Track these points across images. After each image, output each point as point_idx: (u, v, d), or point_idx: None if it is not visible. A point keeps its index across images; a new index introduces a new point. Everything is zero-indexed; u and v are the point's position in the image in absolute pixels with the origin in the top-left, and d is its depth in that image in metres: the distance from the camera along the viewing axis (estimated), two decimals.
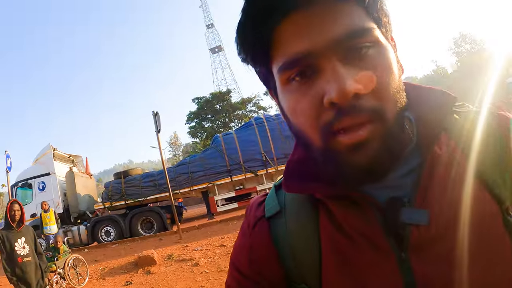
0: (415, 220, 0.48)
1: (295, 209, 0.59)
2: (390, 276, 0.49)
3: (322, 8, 0.43)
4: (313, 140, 0.48)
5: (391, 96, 0.46)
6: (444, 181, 0.50)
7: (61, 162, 13.97)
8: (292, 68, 0.46)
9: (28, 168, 13.88)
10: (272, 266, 0.60)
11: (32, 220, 12.65)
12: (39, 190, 13.01)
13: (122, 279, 7.14)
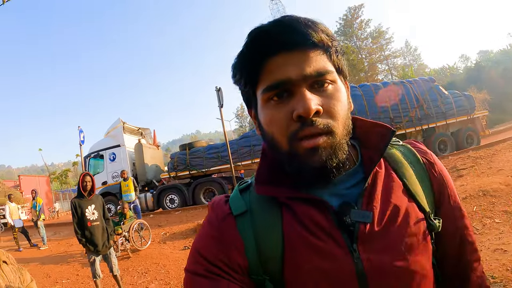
0: (362, 219, 0.64)
1: (261, 208, 0.69)
2: (344, 262, 0.62)
3: (300, 53, 0.61)
4: (282, 144, 0.63)
5: (340, 119, 0.63)
6: (383, 191, 0.68)
7: (130, 134, 14.82)
8: (273, 90, 0.62)
9: (100, 140, 14.96)
10: (238, 257, 0.66)
11: (103, 188, 13.88)
12: (110, 160, 14.05)
13: (181, 244, 7.53)
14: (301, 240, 0.64)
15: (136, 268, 6.47)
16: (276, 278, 0.65)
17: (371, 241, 0.63)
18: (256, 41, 0.63)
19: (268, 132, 0.65)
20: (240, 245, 0.66)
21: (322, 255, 0.62)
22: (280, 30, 0.60)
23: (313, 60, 0.61)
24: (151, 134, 16.14)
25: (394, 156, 0.74)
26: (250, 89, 0.68)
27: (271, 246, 0.65)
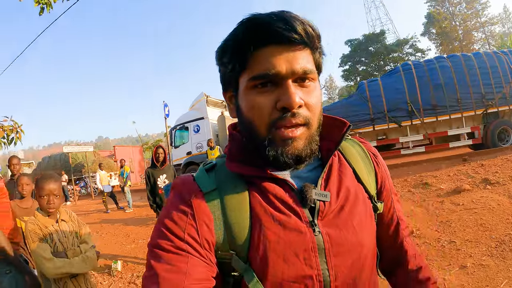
0: (321, 197, 0.72)
1: (229, 186, 0.73)
2: (306, 235, 0.70)
3: (290, 48, 0.65)
4: (261, 130, 0.68)
5: (317, 114, 0.70)
6: (338, 176, 0.78)
7: (214, 107, 15.41)
8: (260, 79, 0.66)
9: (185, 113, 15.83)
10: (207, 233, 0.69)
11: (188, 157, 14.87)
12: (194, 132, 14.86)
13: None
14: (267, 215, 0.70)
15: None
16: (243, 253, 0.70)
17: (329, 217, 0.73)
18: (251, 29, 0.65)
19: (248, 117, 0.70)
20: (210, 221, 0.70)
21: (287, 229, 0.69)
22: (276, 23, 0.63)
23: (301, 57, 0.66)
24: None
25: (346, 147, 0.85)
26: (235, 73, 0.71)
27: (239, 221, 0.70)
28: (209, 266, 0.67)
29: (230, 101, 0.77)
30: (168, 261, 0.65)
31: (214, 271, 0.68)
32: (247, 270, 0.69)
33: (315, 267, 0.69)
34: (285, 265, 0.68)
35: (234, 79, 0.72)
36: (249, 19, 0.66)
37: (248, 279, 0.68)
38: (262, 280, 0.68)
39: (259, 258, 0.68)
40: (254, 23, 0.65)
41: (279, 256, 0.68)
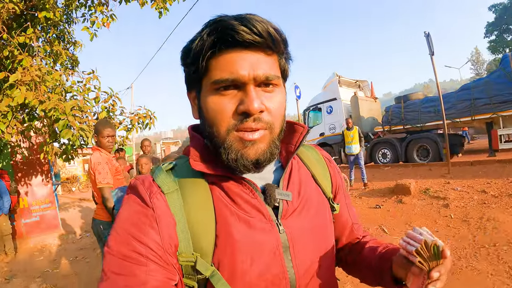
0: (284, 197, 0.75)
1: (191, 187, 0.72)
2: (272, 234, 0.72)
3: (254, 53, 0.66)
4: (221, 133, 0.68)
5: (279, 119, 0.71)
6: (298, 177, 0.81)
7: (347, 87, 15.11)
8: (223, 83, 0.66)
9: (318, 94, 15.89)
10: (170, 236, 0.66)
11: (321, 138, 15.02)
12: (327, 113, 14.93)
13: (374, 202, 7.62)
14: (232, 215, 0.70)
15: None
16: (208, 255, 0.68)
17: (292, 217, 0.76)
18: (215, 32, 0.64)
19: (209, 119, 0.69)
20: (172, 223, 0.67)
21: (252, 228, 0.70)
22: (240, 27, 0.63)
23: (264, 63, 0.67)
24: (368, 86, 15.90)
25: (304, 152, 0.90)
26: (198, 75, 0.70)
27: (204, 222, 0.69)
28: (171, 273, 0.65)
29: (193, 101, 0.77)
30: (126, 269, 0.61)
31: (176, 278, 0.66)
32: (214, 272, 0.67)
33: (281, 265, 0.71)
34: (253, 264, 0.68)
35: (197, 81, 0.72)
36: (214, 21, 0.66)
37: (215, 281, 0.66)
38: (229, 281, 0.67)
39: (226, 260, 0.67)
40: (218, 26, 0.64)
41: (247, 256, 0.68)
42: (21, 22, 6.74)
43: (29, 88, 4.96)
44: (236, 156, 0.68)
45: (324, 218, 0.83)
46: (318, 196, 0.84)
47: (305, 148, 0.93)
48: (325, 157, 0.94)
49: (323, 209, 0.84)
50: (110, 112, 6.32)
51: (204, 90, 0.70)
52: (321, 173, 0.88)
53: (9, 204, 6.30)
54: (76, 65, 8.63)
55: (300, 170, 0.84)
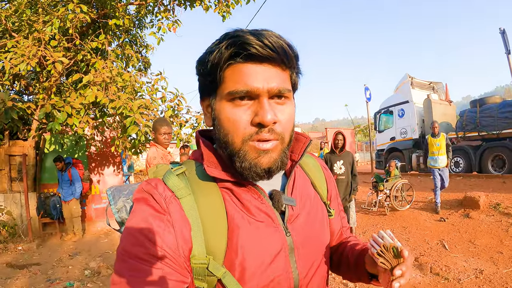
0: (290, 203, 0.79)
1: (203, 191, 0.74)
2: (280, 238, 0.76)
3: (268, 66, 0.69)
4: (235, 142, 0.71)
5: (289, 130, 0.75)
6: (300, 185, 0.86)
7: (421, 89, 14.25)
8: (237, 94, 0.69)
9: (390, 96, 15.15)
10: (185, 239, 0.69)
11: (391, 143, 14.35)
12: (399, 116, 14.18)
13: (439, 214, 7.19)
14: (243, 219, 0.73)
15: (383, 226, 6.88)
16: (220, 258, 0.71)
17: (296, 221, 0.80)
18: (231, 45, 0.68)
19: (224, 128, 0.72)
20: (187, 227, 0.69)
21: (262, 232, 0.74)
22: (256, 42, 0.66)
23: (278, 76, 0.70)
24: (443, 88, 14.80)
25: (304, 160, 0.95)
26: (213, 85, 0.74)
27: (217, 226, 0.71)
28: (184, 275, 0.67)
29: (206, 109, 0.80)
30: (142, 271, 0.63)
31: (188, 280, 0.68)
32: (226, 273, 0.70)
33: (287, 266, 0.75)
34: (262, 266, 0.71)
35: (212, 90, 0.75)
36: (231, 35, 0.69)
37: (227, 281, 0.69)
38: (239, 282, 0.70)
39: (237, 262, 0.70)
40: (237, 40, 0.67)
41: (257, 258, 0.71)
42: (95, 29, 7.56)
43: (100, 88, 5.55)
44: (249, 164, 0.71)
45: (323, 223, 0.88)
46: (317, 202, 0.89)
47: (306, 156, 0.98)
48: (322, 165, 1.00)
49: (322, 214, 0.89)
50: (175, 111, 6.80)
51: (218, 99, 0.73)
52: (319, 180, 0.94)
53: (80, 190, 7.14)
54: (148, 67, 9.43)
55: (302, 178, 0.89)
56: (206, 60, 0.72)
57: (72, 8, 5.66)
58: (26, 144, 7.36)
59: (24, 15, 6.02)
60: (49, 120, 5.64)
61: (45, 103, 5.38)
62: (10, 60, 5.09)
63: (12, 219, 7.08)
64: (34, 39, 5.60)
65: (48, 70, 5.83)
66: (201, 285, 0.71)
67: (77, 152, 8.16)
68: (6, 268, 5.36)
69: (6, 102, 5.00)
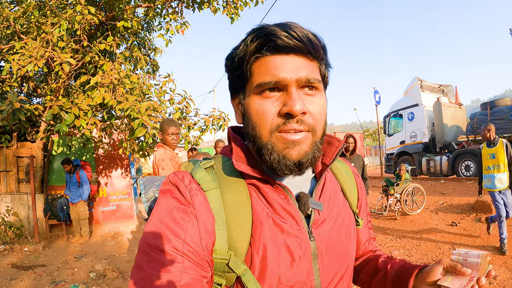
0: (317, 206, 0.76)
1: (230, 186, 0.73)
2: (303, 240, 0.73)
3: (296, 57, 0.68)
4: (264, 134, 0.69)
5: (321, 123, 0.71)
6: (329, 190, 0.82)
7: (430, 92, 14.08)
8: (266, 85, 0.67)
9: (399, 100, 15.03)
10: (208, 233, 0.67)
11: (400, 147, 14.19)
12: (408, 120, 14.02)
13: (451, 218, 7.05)
14: (268, 218, 0.71)
15: (393, 231, 6.73)
16: (242, 254, 0.69)
17: (322, 226, 0.76)
18: (258, 38, 0.67)
19: (253, 121, 0.71)
20: (211, 220, 0.68)
21: (285, 233, 0.71)
22: (283, 33, 0.66)
23: (306, 67, 0.68)
24: (453, 91, 14.57)
25: (335, 165, 0.92)
26: (242, 80, 0.73)
27: (241, 221, 0.70)
28: (204, 270, 0.65)
29: (237, 107, 0.79)
30: (162, 264, 0.62)
31: (208, 275, 0.66)
32: (246, 271, 0.68)
33: (309, 272, 0.72)
34: (283, 268, 0.69)
35: (241, 86, 0.74)
36: (257, 29, 0.69)
37: (246, 279, 0.68)
38: (259, 281, 0.69)
39: (258, 260, 0.68)
40: (261, 32, 0.67)
41: (278, 259, 0.69)
42: (103, 31, 7.58)
43: (108, 89, 5.53)
44: (278, 156, 0.68)
45: (350, 232, 0.83)
46: (346, 210, 0.85)
47: (337, 162, 0.94)
48: (354, 172, 0.96)
49: (350, 223, 0.84)
50: (184, 113, 6.78)
51: (248, 94, 0.72)
52: (349, 187, 0.90)
53: (88, 192, 7.14)
54: (156, 70, 9.44)
55: (332, 183, 0.86)
56: (234, 55, 0.72)
57: (80, 10, 5.67)
58: (34, 146, 7.38)
59: (32, 17, 6.05)
60: (57, 122, 5.64)
61: (53, 104, 5.37)
62: (17, 61, 5.10)
63: (19, 220, 7.09)
64: (42, 41, 5.62)
65: (56, 71, 5.85)
66: (220, 281, 0.70)
67: (85, 155, 8.18)
68: (11, 269, 5.35)
69: (13, 103, 4.99)
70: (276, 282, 0.69)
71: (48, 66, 5.77)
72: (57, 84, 6.39)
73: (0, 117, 5.00)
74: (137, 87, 6.10)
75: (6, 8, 6.11)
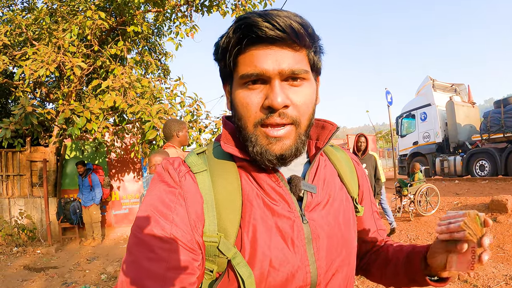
0: (309, 189, 0.74)
1: (220, 169, 0.73)
2: (295, 222, 0.71)
3: (280, 48, 0.66)
4: (248, 126, 0.69)
5: (306, 114, 0.70)
6: (323, 174, 0.80)
7: (443, 92, 13.85)
8: (250, 78, 0.67)
9: (411, 100, 14.80)
10: (197, 213, 0.67)
11: (413, 148, 14.00)
12: (421, 120, 13.81)
13: None
14: (258, 199, 0.70)
15: (407, 232, 6.61)
16: (232, 236, 0.68)
17: (316, 210, 0.74)
18: (242, 29, 0.65)
19: (238, 112, 0.71)
20: (200, 201, 0.68)
21: (276, 215, 0.70)
22: (264, 23, 0.63)
23: (290, 57, 0.66)
24: (466, 90, 14.27)
25: (331, 152, 0.90)
26: (228, 69, 0.72)
27: (231, 203, 0.69)
28: (195, 253, 0.65)
29: (227, 94, 0.78)
30: (150, 247, 0.62)
31: (199, 258, 0.65)
32: (236, 254, 0.67)
33: (304, 257, 0.70)
34: (275, 250, 0.68)
35: (228, 75, 0.74)
36: (239, 19, 0.67)
37: (236, 262, 0.66)
38: (249, 265, 0.67)
39: (248, 242, 0.67)
40: (243, 23, 0.65)
41: (269, 241, 0.68)
42: (113, 36, 7.68)
43: (119, 93, 5.59)
44: (261, 149, 0.69)
45: (348, 218, 0.81)
46: (343, 195, 0.83)
47: (335, 149, 0.93)
48: (354, 160, 0.94)
49: (347, 209, 0.82)
50: (194, 116, 6.82)
51: (234, 84, 0.72)
52: (348, 173, 0.88)
53: (100, 195, 7.21)
54: (167, 74, 9.53)
55: (327, 167, 0.84)
56: (218, 45, 0.72)
57: (90, 15, 5.76)
58: (47, 150, 7.51)
59: (44, 24, 6.17)
60: (69, 126, 5.72)
61: (65, 108, 5.46)
62: (30, 66, 5.19)
63: (32, 223, 7.20)
64: (54, 46, 5.71)
65: (67, 76, 5.94)
66: (211, 267, 0.69)
67: (98, 158, 8.27)
68: (23, 270, 5.44)
69: (25, 107, 5.08)
70: (267, 266, 0.67)
71: (60, 71, 5.86)
72: (69, 88, 6.49)
73: (13, 121, 5.08)
74: (148, 90, 6.15)
75: (18, 15, 6.26)
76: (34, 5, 7.42)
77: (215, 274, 0.70)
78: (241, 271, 0.66)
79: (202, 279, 0.70)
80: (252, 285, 0.66)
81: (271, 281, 0.67)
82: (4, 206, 7.40)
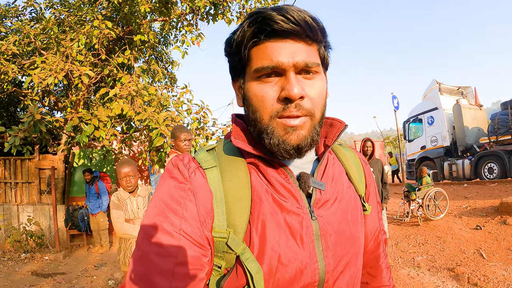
0: (318, 186, 0.74)
1: (230, 164, 0.74)
2: (304, 218, 0.71)
3: (294, 42, 0.67)
4: (264, 118, 0.69)
5: (319, 106, 0.71)
6: (331, 171, 0.81)
7: (449, 95, 13.77)
8: (264, 70, 0.68)
9: (418, 104, 14.71)
10: (206, 209, 0.68)
11: (421, 152, 13.89)
12: (428, 124, 13.72)
13: (475, 222, 6.80)
14: (268, 195, 0.71)
15: (416, 237, 6.57)
16: (241, 232, 0.68)
17: (324, 207, 0.75)
18: (258, 22, 0.66)
19: (253, 106, 0.71)
20: (210, 196, 0.69)
21: (285, 211, 0.70)
22: (279, 17, 0.65)
23: (304, 51, 0.68)
24: (472, 92, 14.17)
25: (340, 151, 0.90)
26: (241, 64, 0.73)
27: (240, 198, 0.69)
28: (204, 248, 0.65)
29: (238, 90, 0.79)
30: (159, 242, 0.62)
31: (208, 254, 0.66)
32: (245, 249, 0.67)
33: (312, 253, 0.70)
34: (283, 246, 0.68)
35: (241, 70, 0.74)
36: (254, 13, 0.68)
37: (245, 258, 0.66)
38: (258, 261, 0.67)
39: (257, 238, 0.68)
40: (258, 17, 0.66)
41: (278, 237, 0.68)
42: (121, 46, 7.79)
43: (126, 101, 5.66)
44: (278, 141, 0.69)
45: (356, 215, 0.81)
46: (351, 193, 0.83)
47: (343, 148, 0.94)
48: (362, 159, 0.94)
49: (355, 207, 0.82)
50: (201, 123, 6.88)
51: (247, 78, 0.73)
52: (355, 171, 0.88)
53: (107, 203, 7.24)
54: (174, 82, 9.63)
55: (335, 165, 0.84)
56: (232, 40, 0.72)
57: (97, 25, 5.86)
58: (55, 158, 7.60)
59: (52, 33, 6.29)
60: (77, 133, 5.79)
61: (73, 116, 5.53)
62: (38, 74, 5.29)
63: (40, 229, 7.25)
64: (62, 55, 5.81)
65: (75, 85, 6.03)
66: (220, 263, 0.69)
67: (106, 166, 8.34)
68: (31, 276, 5.47)
69: (34, 115, 5.16)
70: (276, 262, 0.67)
71: (68, 79, 5.96)
72: (77, 97, 6.58)
73: (22, 129, 5.16)
74: (155, 98, 6.22)
75: (26, 25, 6.36)
76: (42, 15, 7.56)
77: (223, 270, 0.70)
78: (250, 267, 0.66)
79: (211, 275, 0.70)
80: (261, 281, 0.66)
81: (279, 277, 0.68)
82: (13, 212, 7.48)
